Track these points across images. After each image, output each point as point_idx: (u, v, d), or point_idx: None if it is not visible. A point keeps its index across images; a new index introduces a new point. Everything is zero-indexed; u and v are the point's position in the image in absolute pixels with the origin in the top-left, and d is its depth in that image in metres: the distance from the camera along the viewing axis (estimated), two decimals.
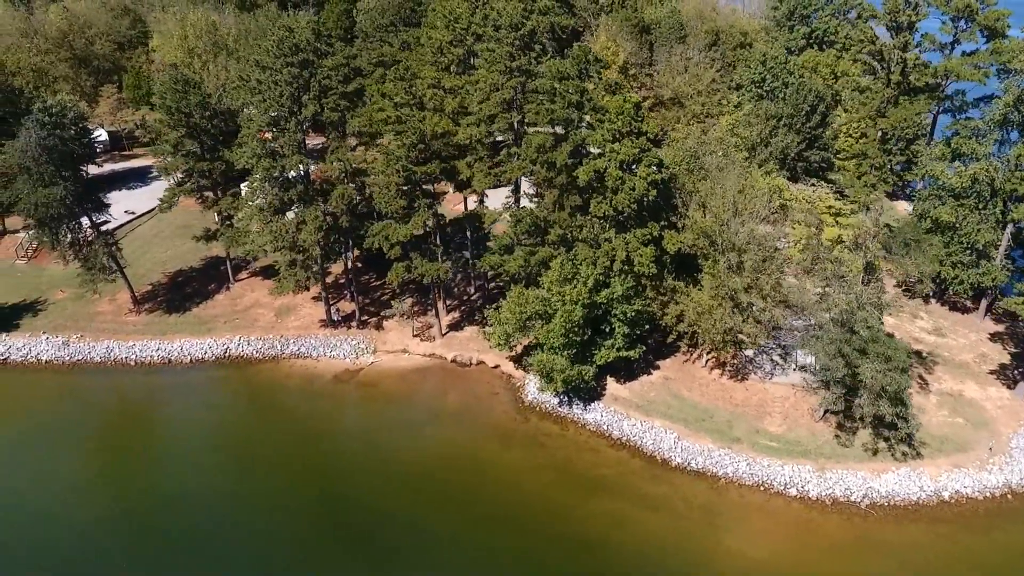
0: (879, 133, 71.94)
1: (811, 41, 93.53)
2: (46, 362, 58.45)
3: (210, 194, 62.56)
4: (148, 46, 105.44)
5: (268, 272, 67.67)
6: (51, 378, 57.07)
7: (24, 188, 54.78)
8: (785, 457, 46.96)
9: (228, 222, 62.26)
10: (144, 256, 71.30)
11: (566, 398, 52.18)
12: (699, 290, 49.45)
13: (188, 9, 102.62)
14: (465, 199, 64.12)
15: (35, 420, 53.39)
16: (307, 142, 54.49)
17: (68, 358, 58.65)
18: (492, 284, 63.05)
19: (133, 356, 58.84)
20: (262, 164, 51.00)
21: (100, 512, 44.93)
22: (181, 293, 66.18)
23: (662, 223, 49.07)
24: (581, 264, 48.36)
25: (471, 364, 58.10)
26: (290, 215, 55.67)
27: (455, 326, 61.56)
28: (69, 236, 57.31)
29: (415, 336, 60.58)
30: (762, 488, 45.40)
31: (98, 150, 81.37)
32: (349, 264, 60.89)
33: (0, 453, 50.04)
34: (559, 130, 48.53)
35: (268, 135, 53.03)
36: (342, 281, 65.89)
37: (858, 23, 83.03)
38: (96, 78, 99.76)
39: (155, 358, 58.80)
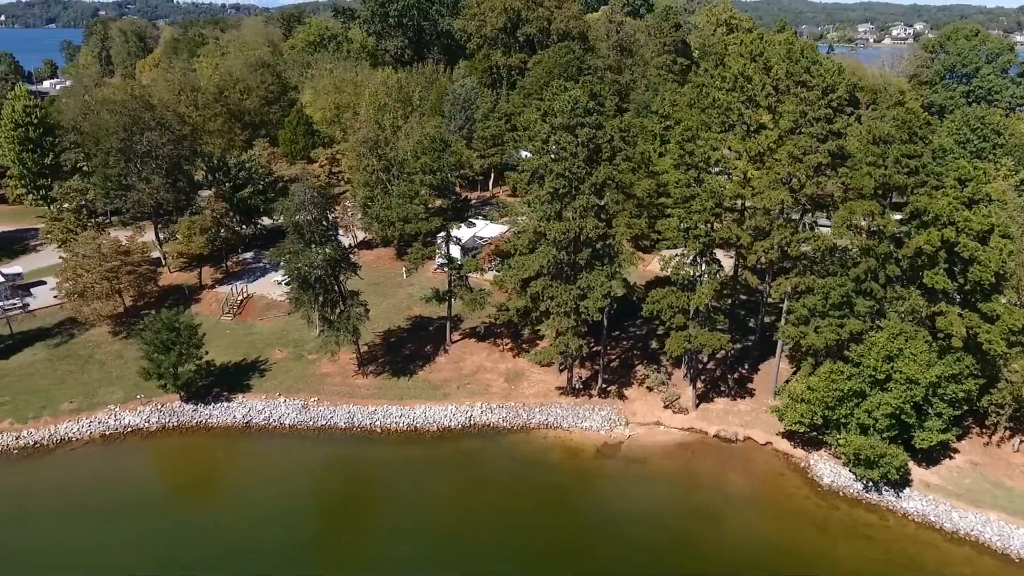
0: None
1: (971, 99, 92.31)
2: (290, 426, 55.38)
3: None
4: (294, 102, 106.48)
5: (483, 335, 65.22)
6: (300, 445, 53.86)
7: (290, 247, 52.87)
8: None
9: (464, 283, 59.97)
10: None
11: (871, 483, 48.22)
12: None
13: (337, 65, 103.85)
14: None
15: (297, 486, 50.31)
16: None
17: (311, 422, 55.57)
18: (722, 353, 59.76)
19: (377, 423, 55.66)
20: (554, 227, 48.80)
21: None
22: (400, 355, 63.47)
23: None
24: (911, 340, 45.20)
25: (737, 440, 54.53)
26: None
27: (703, 396, 58.19)
28: (321, 297, 54.94)
29: (666, 407, 57.17)
30: None
31: None
32: (604, 329, 57.97)
33: (284, 520, 46.52)
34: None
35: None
36: (596, 348, 62.49)
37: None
38: (249, 132, 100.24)
39: (400, 425, 55.58)
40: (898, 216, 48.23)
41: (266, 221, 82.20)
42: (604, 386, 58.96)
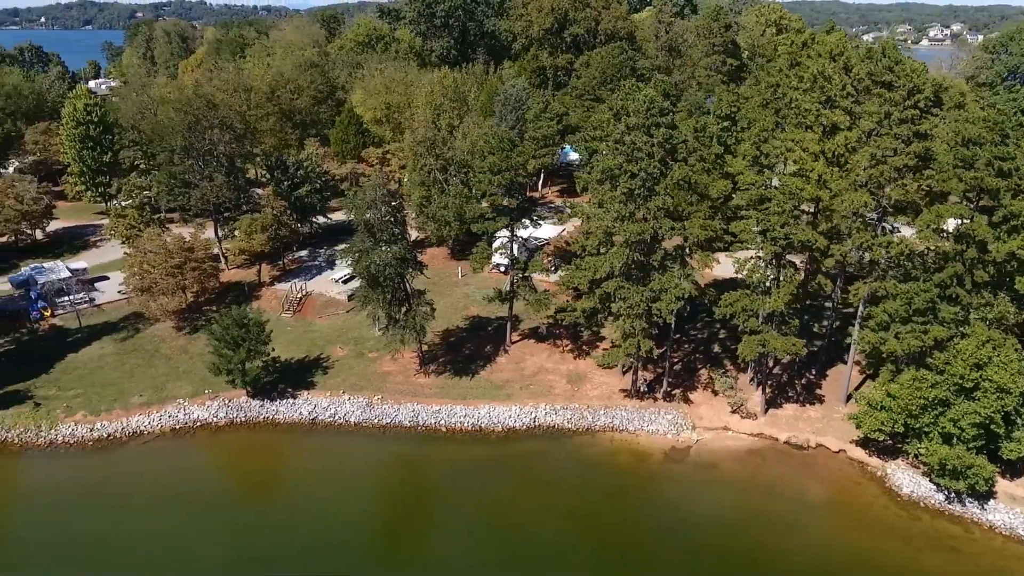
0: None
1: None
2: (355, 424, 55.61)
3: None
4: (341, 102, 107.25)
5: (543, 336, 64.91)
6: (367, 443, 54.11)
7: (360, 245, 53.09)
8: None
9: (528, 283, 59.70)
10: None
11: (954, 494, 46.94)
12: None
13: (387, 66, 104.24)
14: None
15: (365, 484, 50.79)
16: None
17: (376, 420, 55.75)
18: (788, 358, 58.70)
19: (442, 422, 55.65)
20: (629, 228, 48.31)
21: None
22: (461, 355, 63.40)
23: None
24: (1000, 348, 43.89)
25: (808, 447, 53.51)
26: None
27: (770, 401, 57.20)
28: (389, 295, 55.03)
29: (733, 412, 56.30)
30: None
31: None
32: (671, 332, 57.28)
33: (353, 518, 46.73)
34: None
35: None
36: (659, 351, 61.75)
37: None
38: (300, 131, 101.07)
39: (465, 424, 55.50)
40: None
41: (320, 219, 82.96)
42: (669, 389, 58.28)
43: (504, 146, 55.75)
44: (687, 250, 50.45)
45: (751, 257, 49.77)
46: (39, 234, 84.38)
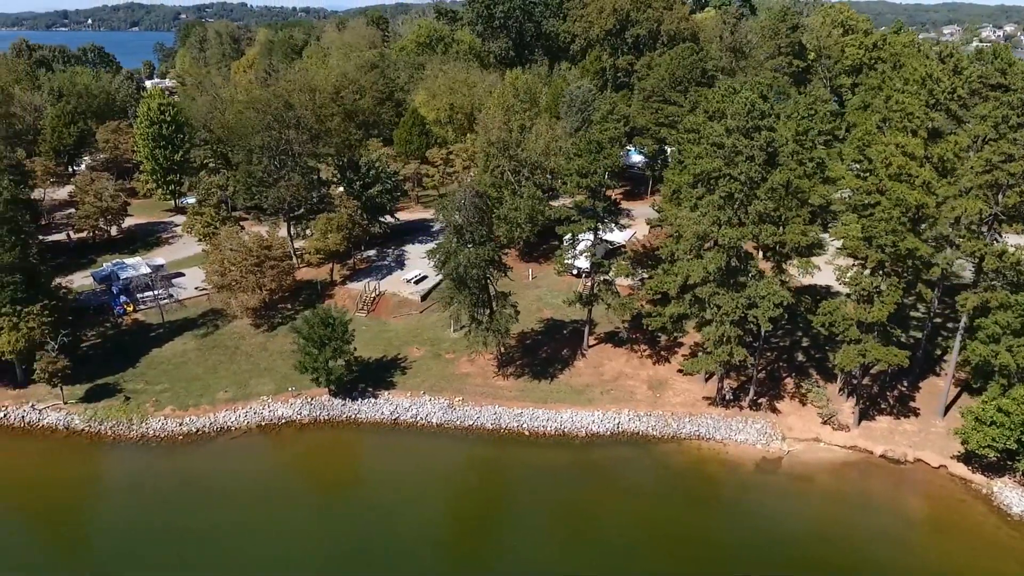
0: None
1: None
2: (437, 425, 55.53)
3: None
4: (400, 103, 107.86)
5: (619, 340, 64.12)
6: (450, 444, 53.96)
7: (448, 247, 52.95)
8: None
9: (610, 287, 58.96)
10: None
11: None
12: None
13: (452, 67, 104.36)
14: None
15: (452, 485, 50.78)
16: None
17: (458, 422, 55.59)
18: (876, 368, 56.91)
19: (524, 425, 55.25)
20: (727, 233, 47.26)
21: None
22: (538, 357, 62.93)
23: None
24: None
25: (906, 461, 51.79)
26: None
27: (863, 413, 55.46)
28: (475, 296, 54.78)
29: (824, 423, 54.79)
30: None
31: None
32: (760, 340, 56.05)
33: (440, 518, 46.64)
34: None
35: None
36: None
37: None
38: (362, 131, 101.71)
39: (548, 428, 55.02)
40: None
41: (388, 219, 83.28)
42: (755, 398, 56.99)
43: (592, 148, 55.11)
44: (786, 256, 49.16)
45: (853, 264, 48.34)
46: (114, 230, 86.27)
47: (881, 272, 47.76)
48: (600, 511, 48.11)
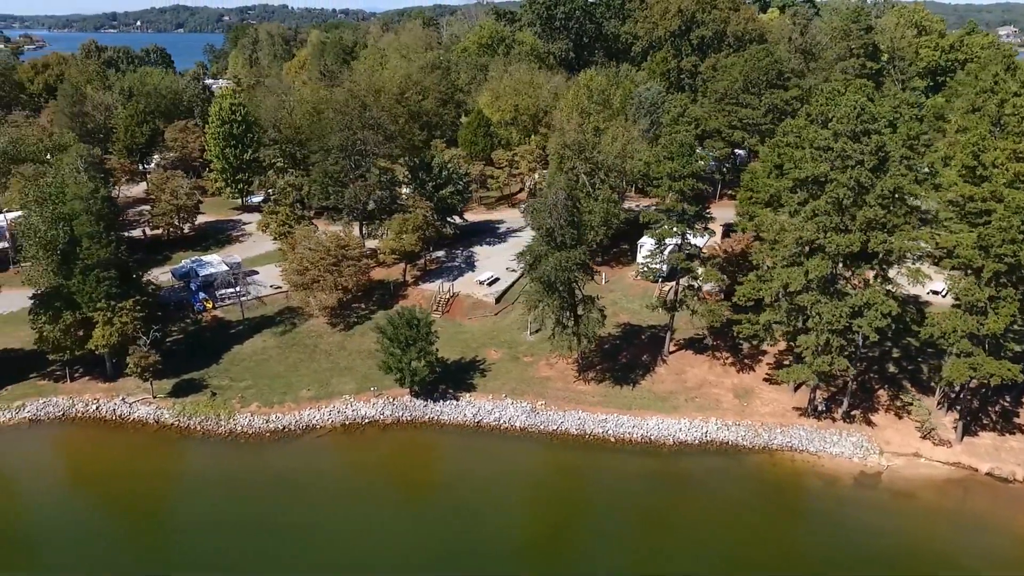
0: None
1: None
2: (520, 429, 54.98)
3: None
4: (461, 103, 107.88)
5: (700, 347, 62.84)
6: (534, 448, 53.33)
7: (537, 250, 52.41)
8: None
9: (697, 293, 57.75)
10: None
11: None
12: None
13: (516, 68, 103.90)
14: None
15: (540, 490, 50.23)
16: None
17: (542, 426, 54.96)
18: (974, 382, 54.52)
19: (609, 431, 54.38)
20: (834, 240, 45.75)
21: None
22: (618, 363, 61.98)
23: None
24: None
25: (1015, 480, 49.53)
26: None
27: (965, 428, 53.22)
28: (564, 300, 54.11)
29: (924, 438, 52.77)
30: None
31: None
32: (858, 350, 54.22)
33: (529, 523, 46.05)
34: None
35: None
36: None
37: None
38: (426, 132, 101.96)
39: (634, 436, 54.05)
40: None
41: (458, 220, 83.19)
42: (849, 410, 55.17)
43: (684, 151, 54.01)
44: (891, 264, 47.42)
45: (966, 274, 46.40)
46: (186, 228, 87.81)
47: (997, 283, 45.73)
48: (694, 522, 47.01)
